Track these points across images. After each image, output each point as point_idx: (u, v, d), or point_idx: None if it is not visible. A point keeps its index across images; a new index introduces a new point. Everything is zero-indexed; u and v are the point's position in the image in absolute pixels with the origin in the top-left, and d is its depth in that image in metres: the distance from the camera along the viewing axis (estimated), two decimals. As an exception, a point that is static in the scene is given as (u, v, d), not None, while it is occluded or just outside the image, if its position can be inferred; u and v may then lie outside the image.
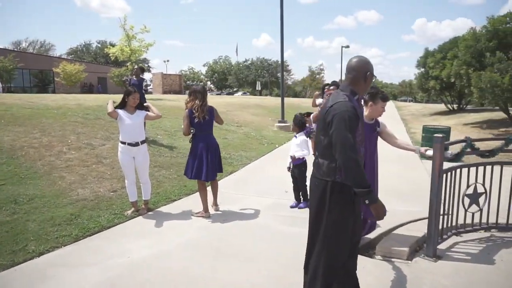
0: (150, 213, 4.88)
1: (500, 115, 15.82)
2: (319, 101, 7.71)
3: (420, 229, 3.99)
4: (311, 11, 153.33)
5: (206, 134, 4.60)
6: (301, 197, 5.19)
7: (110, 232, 4.27)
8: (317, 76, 57.07)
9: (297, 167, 5.03)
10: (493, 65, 10.83)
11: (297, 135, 5.06)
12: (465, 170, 3.76)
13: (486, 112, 19.58)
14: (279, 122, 14.38)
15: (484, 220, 4.00)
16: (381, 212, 2.23)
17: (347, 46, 38.05)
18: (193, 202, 5.37)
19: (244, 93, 60.89)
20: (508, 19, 11.78)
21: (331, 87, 6.58)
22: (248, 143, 10.31)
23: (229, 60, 78.05)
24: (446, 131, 8.66)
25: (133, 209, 4.80)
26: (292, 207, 5.15)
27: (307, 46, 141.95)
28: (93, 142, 7.48)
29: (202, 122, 4.49)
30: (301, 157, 4.97)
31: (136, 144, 4.66)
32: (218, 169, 4.84)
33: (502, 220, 4.03)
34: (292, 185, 5.22)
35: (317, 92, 9.16)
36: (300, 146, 4.98)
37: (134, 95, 4.60)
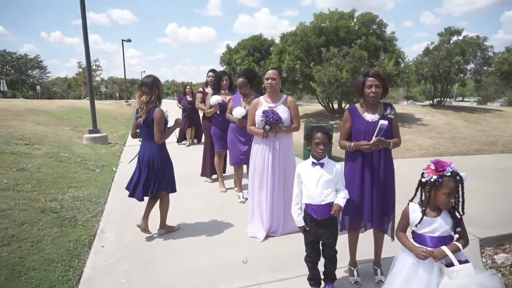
0: None
1: (312, 108, 17.61)
2: (214, 99, 5.25)
3: None
4: (55, 2, 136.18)
5: (147, 142, 3.71)
6: (322, 276, 2.77)
7: None
8: (93, 73, 49.76)
9: (327, 224, 2.57)
10: (328, 61, 11.34)
11: (323, 160, 2.56)
12: None
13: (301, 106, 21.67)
14: (90, 132, 10.30)
15: None
16: None
17: (129, 40, 34.51)
18: None
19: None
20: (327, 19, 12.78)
21: (241, 79, 4.72)
22: (71, 173, 6.30)
23: None
24: (331, 129, 8.02)
25: None
26: (315, 302, 2.66)
27: (54, 41, 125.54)
28: None
29: (142, 125, 3.65)
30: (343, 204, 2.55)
31: None
32: (162, 187, 3.76)
33: None
34: (308, 258, 2.69)
35: (200, 89, 6.47)
36: (333, 182, 2.54)
37: None
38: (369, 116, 2.70)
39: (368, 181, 2.68)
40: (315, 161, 2.57)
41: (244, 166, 5.13)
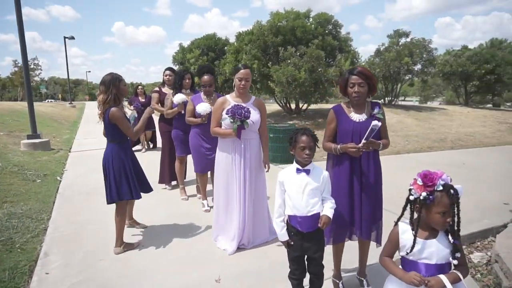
0: None
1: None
2: (179, 97, 4.84)
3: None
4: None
5: (107, 143, 3.49)
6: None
7: None
8: (32, 73, 45.98)
9: (314, 237, 2.31)
10: (286, 60, 11.23)
11: (309, 166, 2.31)
12: None
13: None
14: (29, 137, 9.29)
15: None
16: None
17: (72, 37, 32.32)
18: None
19: None
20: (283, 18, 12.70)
21: (208, 76, 4.43)
22: (6, 185, 5.54)
23: None
24: (293, 129, 7.88)
25: None
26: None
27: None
28: None
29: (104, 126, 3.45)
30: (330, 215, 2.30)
31: None
32: (124, 193, 3.43)
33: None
34: (293, 276, 2.43)
35: (156, 89, 5.99)
36: (319, 190, 2.29)
37: None
38: (356, 116, 2.50)
39: (357, 186, 2.48)
40: (300, 167, 2.31)
41: (208, 172, 4.78)
